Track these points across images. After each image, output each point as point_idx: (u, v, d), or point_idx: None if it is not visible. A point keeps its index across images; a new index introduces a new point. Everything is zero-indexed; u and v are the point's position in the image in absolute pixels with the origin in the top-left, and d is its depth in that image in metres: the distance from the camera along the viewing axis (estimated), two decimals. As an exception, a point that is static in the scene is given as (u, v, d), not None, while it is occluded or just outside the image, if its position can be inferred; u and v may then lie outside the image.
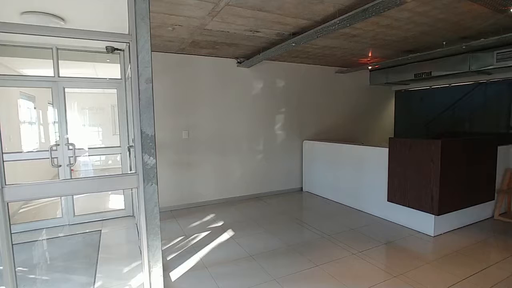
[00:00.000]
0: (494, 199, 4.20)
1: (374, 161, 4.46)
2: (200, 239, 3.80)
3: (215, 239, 3.80)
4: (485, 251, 3.36)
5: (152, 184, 2.21)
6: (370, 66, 5.86)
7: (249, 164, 5.70)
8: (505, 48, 4.42)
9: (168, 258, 3.29)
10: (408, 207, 3.87)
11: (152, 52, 2.22)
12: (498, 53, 4.50)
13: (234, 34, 3.98)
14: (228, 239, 3.79)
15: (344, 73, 6.51)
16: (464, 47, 4.15)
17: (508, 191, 4.24)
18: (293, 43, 3.92)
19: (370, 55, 5.38)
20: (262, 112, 5.77)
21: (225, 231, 4.05)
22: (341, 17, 2.95)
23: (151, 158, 2.19)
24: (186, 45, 4.47)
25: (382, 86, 7.22)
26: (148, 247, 2.23)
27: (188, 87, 5.07)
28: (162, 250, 2.53)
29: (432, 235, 3.69)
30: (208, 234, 3.98)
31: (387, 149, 4.09)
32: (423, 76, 5.63)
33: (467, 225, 4.02)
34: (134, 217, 4.56)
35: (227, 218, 4.58)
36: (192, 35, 3.98)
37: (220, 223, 4.37)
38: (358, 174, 4.79)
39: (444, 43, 4.38)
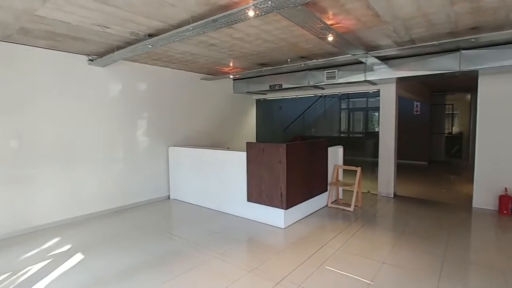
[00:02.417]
0: (327, 191, 5.16)
1: (235, 165, 4.73)
2: (34, 273, 3.08)
3: (56, 268, 3.16)
4: (321, 233, 4.05)
5: None
6: (231, 75, 6.23)
7: (107, 174, 5.07)
8: (331, 69, 5.53)
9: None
10: (264, 204, 4.28)
11: None
12: (327, 72, 5.59)
13: (79, 27, 3.45)
14: (74, 266, 3.21)
15: (209, 80, 6.69)
16: (302, 65, 4.96)
17: (336, 183, 5.29)
18: (149, 44, 3.72)
19: (231, 65, 5.72)
20: (123, 116, 5.25)
21: (71, 257, 3.43)
22: (194, 24, 2.99)
23: None
24: (13, 31, 3.59)
25: (245, 95, 7.81)
26: None
27: (18, 85, 4.08)
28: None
29: (283, 227, 4.20)
30: (48, 263, 3.27)
31: (246, 153, 4.42)
32: (276, 87, 6.40)
33: (309, 215, 4.77)
34: None
35: (76, 241, 3.90)
36: (19, 21, 3.22)
37: (66, 248, 3.67)
38: (221, 178, 4.98)
39: (288, 60, 5.10)
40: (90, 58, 4.74)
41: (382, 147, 6.00)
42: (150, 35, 3.71)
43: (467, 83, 7.84)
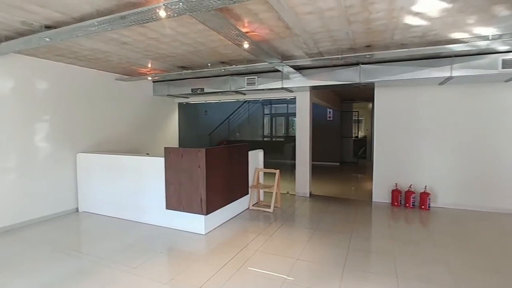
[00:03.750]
0: (248, 194, 5.29)
1: (153, 171, 4.47)
2: None
3: None
4: (242, 236, 4.11)
5: None
6: (150, 77, 5.91)
7: (-9, 188, 4.24)
8: (251, 75, 5.71)
9: None
10: (184, 211, 4.14)
11: None
12: (247, 78, 5.75)
13: None
14: None
15: (126, 81, 6.22)
16: (223, 70, 5.00)
17: (257, 186, 5.46)
18: (47, 37, 3.27)
19: (149, 66, 5.43)
20: (16, 119, 4.48)
21: None
22: (100, 19, 2.74)
23: None
24: None
25: (166, 98, 7.50)
26: None
27: None
28: None
29: (204, 234, 4.13)
30: None
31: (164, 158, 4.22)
32: (198, 91, 6.31)
33: (230, 219, 4.81)
34: None
35: None
36: None
37: None
38: (139, 186, 4.66)
39: (209, 64, 5.09)
40: (-32, 48, 3.94)
41: (299, 150, 6.44)
42: (48, 27, 3.27)
43: (368, 93, 8.98)
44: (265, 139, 13.66)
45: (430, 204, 5.36)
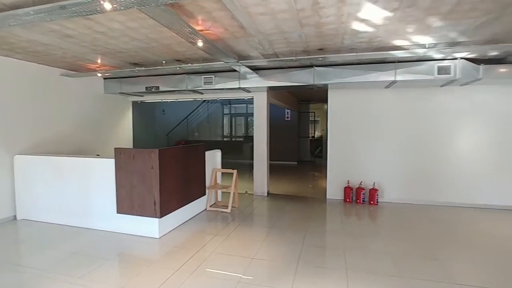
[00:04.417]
0: (205, 194, 5.21)
1: (103, 174, 4.21)
2: None
3: None
4: (199, 238, 4.03)
5: None
6: (100, 73, 5.56)
7: None
8: (208, 75, 5.64)
9: None
10: (136, 215, 3.95)
11: None
12: (204, 77, 5.66)
13: None
14: None
15: (73, 77, 5.78)
16: (178, 68, 4.86)
17: (214, 187, 5.40)
18: (-27, 26, 2.92)
19: (99, 61, 5.10)
20: None
21: None
22: (36, 8, 2.50)
23: None
24: None
25: (118, 96, 7.10)
26: None
27: None
28: None
29: (158, 237, 3.98)
30: None
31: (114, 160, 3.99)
32: (153, 89, 6.08)
33: (187, 220, 4.69)
34: None
35: None
36: None
37: None
38: (87, 190, 4.35)
39: (163, 62, 4.92)
40: None
41: (257, 150, 6.49)
42: (-26, 14, 2.92)
43: (322, 95, 9.34)
44: (225, 139, 13.58)
45: (378, 199, 5.72)
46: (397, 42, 3.80)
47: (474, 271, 3.16)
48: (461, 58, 4.49)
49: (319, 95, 9.66)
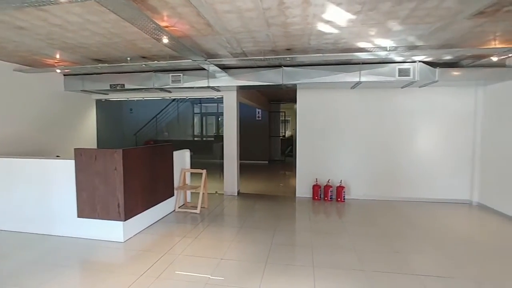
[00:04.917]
0: (174, 195, 5.08)
1: (62, 176, 3.96)
2: None
3: None
4: (166, 240, 3.92)
5: None
6: (59, 69, 5.23)
7: None
8: (176, 73, 5.50)
9: None
10: (99, 219, 3.76)
11: None
12: (172, 75, 5.52)
13: None
14: None
15: (28, 73, 5.39)
16: (144, 65, 4.70)
17: (183, 187, 5.28)
18: None
19: (58, 57, 4.79)
20: None
21: None
22: (-21, -4, 2.30)
23: None
24: None
25: (80, 94, 6.74)
26: None
27: None
28: None
29: (122, 241, 3.81)
30: None
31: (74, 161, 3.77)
32: (118, 87, 5.82)
33: (154, 223, 4.55)
34: None
35: None
36: None
37: None
38: (45, 193, 4.06)
39: (128, 58, 4.73)
40: None
41: (227, 150, 6.45)
42: None
43: (292, 95, 9.49)
44: (195, 138, 13.36)
45: (345, 196, 5.91)
46: (361, 44, 3.94)
47: (430, 262, 3.35)
48: (419, 61, 4.75)
49: (289, 95, 9.80)
